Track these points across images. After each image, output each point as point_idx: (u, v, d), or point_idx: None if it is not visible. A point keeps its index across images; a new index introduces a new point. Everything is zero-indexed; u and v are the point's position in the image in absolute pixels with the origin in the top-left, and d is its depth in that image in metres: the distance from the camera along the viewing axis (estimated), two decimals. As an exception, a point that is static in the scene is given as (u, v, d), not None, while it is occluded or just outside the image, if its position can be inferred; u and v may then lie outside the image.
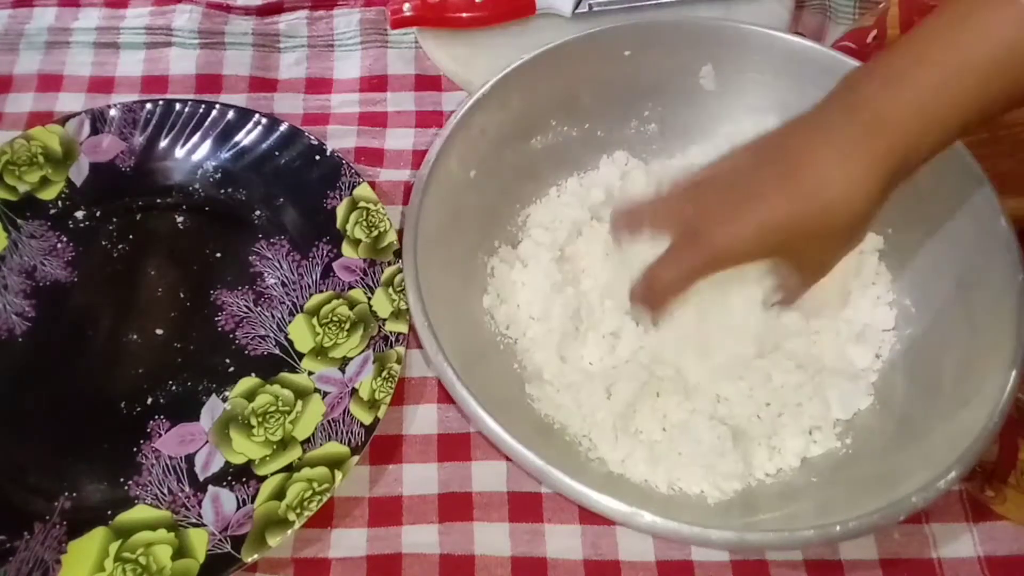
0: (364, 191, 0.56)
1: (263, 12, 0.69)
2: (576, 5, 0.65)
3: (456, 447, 0.49)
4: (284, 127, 0.59)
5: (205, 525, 0.45)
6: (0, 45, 0.67)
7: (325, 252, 0.55)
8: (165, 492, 0.46)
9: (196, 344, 0.52)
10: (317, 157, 0.58)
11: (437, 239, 0.49)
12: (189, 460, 0.48)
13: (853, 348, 0.50)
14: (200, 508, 0.46)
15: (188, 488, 0.47)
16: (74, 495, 0.46)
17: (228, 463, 0.47)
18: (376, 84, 0.65)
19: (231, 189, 0.58)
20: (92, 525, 0.45)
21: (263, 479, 0.46)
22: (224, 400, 0.50)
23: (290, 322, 0.53)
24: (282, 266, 0.55)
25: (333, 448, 0.47)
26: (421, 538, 0.46)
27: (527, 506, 0.47)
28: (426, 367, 0.52)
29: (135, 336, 0.52)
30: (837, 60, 0.53)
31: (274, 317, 0.53)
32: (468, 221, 0.52)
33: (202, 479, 0.47)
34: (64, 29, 0.67)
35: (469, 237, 0.52)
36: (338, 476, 0.45)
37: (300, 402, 0.49)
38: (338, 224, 0.55)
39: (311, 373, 0.51)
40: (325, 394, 0.50)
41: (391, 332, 0.51)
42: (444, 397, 0.50)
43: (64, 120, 0.59)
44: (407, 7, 0.64)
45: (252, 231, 0.56)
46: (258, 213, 0.57)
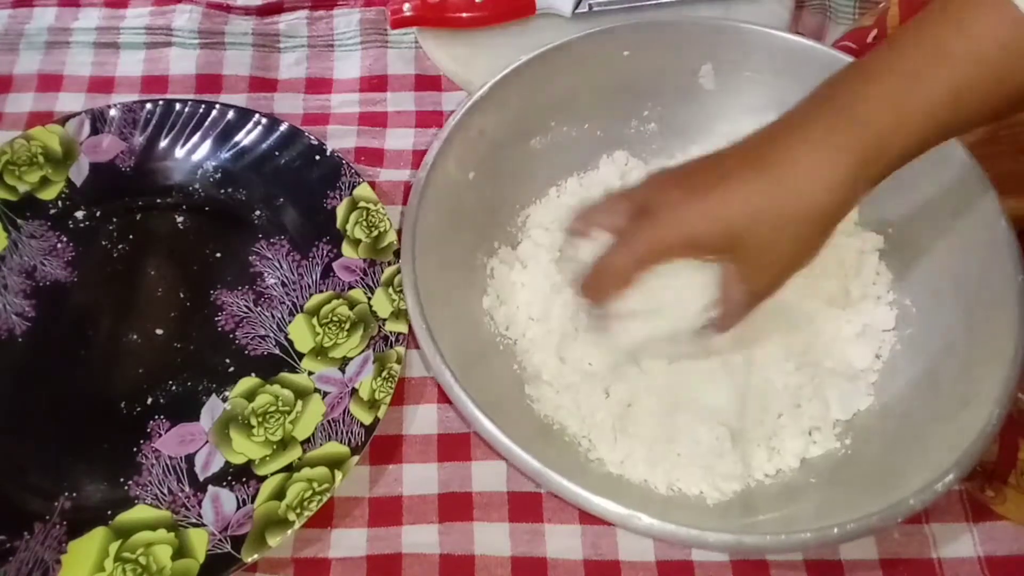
0: (364, 191, 0.56)
1: (263, 12, 0.69)
2: (576, 5, 0.64)
3: (456, 447, 0.49)
4: (284, 127, 0.59)
5: (205, 525, 0.45)
6: (0, 45, 0.67)
7: (325, 252, 0.55)
8: (165, 492, 0.46)
9: (196, 344, 0.52)
10: (317, 157, 0.58)
11: (436, 241, 0.49)
12: (189, 460, 0.48)
13: (853, 348, 0.50)
14: (200, 508, 0.46)
15: (188, 488, 0.47)
16: (74, 495, 0.46)
17: (228, 463, 0.47)
18: (376, 84, 0.65)
19: (231, 189, 0.58)
20: (92, 525, 0.45)
21: (263, 479, 0.46)
22: (224, 400, 0.50)
23: (290, 322, 0.53)
24: (282, 266, 0.55)
25: (333, 448, 0.47)
26: (421, 538, 0.46)
27: (527, 506, 0.47)
28: (426, 367, 0.52)
29: (135, 336, 0.52)
30: (837, 59, 0.53)
31: (274, 317, 0.53)
32: (467, 222, 0.52)
33: (202, 479, 0.47)
34: (64, 29, 0.67)
35: (468, 238, 0.52)
36: (338, 476, 0.45)
37: (300, 402, 0.49)
38: (338, 224, 0.55)
39: (311, 373, 0.51)
40: (325, 394, 0.50)
41: (391, 332, 0.51)
42: (444, 397, 0.50)
43: (64, 120, 0.59)
44: (407, 7, 0.64)
45: (252, 231, 0.56)
46: (258, 213, 0.57)
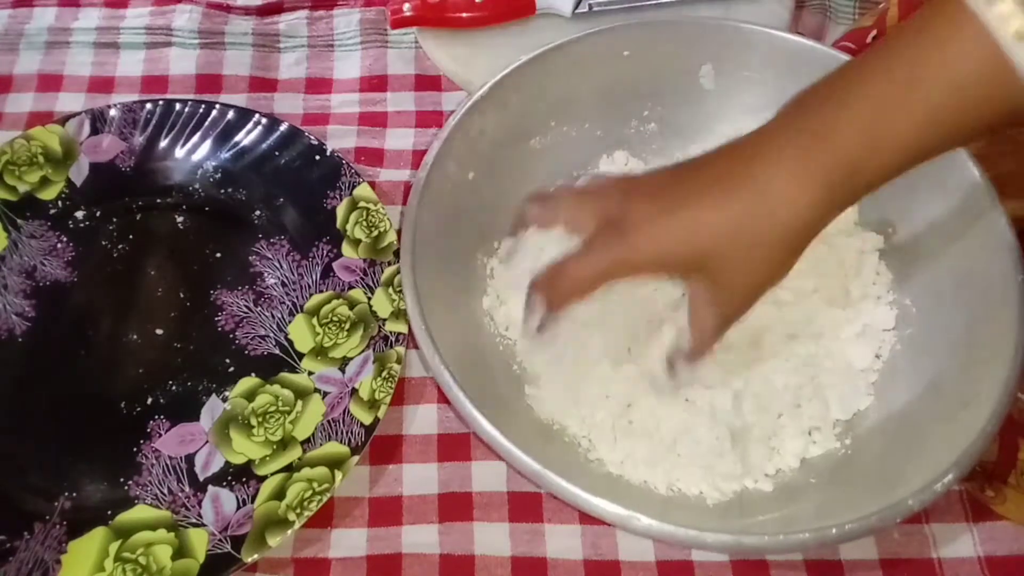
0: (364, 191, 0.56)
1: (263, 12, 0.69)
2: (576, 5, 0.64)
3: (456, 447, 0.49)
4: (284, 127, 0.59)
5: (205, 525, 0.45)
6: (0, 45, 0.67)
7: (325, 252, 0.55)
8: (165, 492, 0.46)
9: (196, 344, 0.52)
10: (317, 157, 0.58)
11: (435, 241, 0.49)
12: (189, 460, 0.48)
13: (853, 348, 0.50)
14: (200, 508, 0.46)
15: (188, 488, 0.47)
16: (74, 495, 0.46)
17: (228, 463, 0.47)
18: (376, 84, 0.65)
19: (231, 189, 0.58)
20: (92, 525, 0.45)
21: (263, 479, 0.46)
22: (224, 400, 0.50)
23: (290, 322, 0.53)
24: (282, 266, 0.55)
25: (333, 448, 0.47)
26: (421, 538, 0.46)
27: (527, 506, 0.47)
28: (425, 368, 0.52)
29: (135, 336, 0.52)
30: (837, 59, 0.53)
31: (274, 317, 0.53)
32: (467, 222, 0.52)
33: (202, 479, 0.47)
34: (64, 29, 0.67)
35: (468, 238, 0.52)
36: (338, 476, 0.45)
37: (300, 402, 0.49)
38: (338, 224, 0.55)
39: (311, 373, 0.51)
40: (325, 394, 0.50)
41: (391, 332, 0.51)
42: (444, 397, 0.50)
43: (64, 120, 0.59)
44: (407, 7, 0.64)
45: (252, 231, 0.56)
46: (258, 213, 0.57)
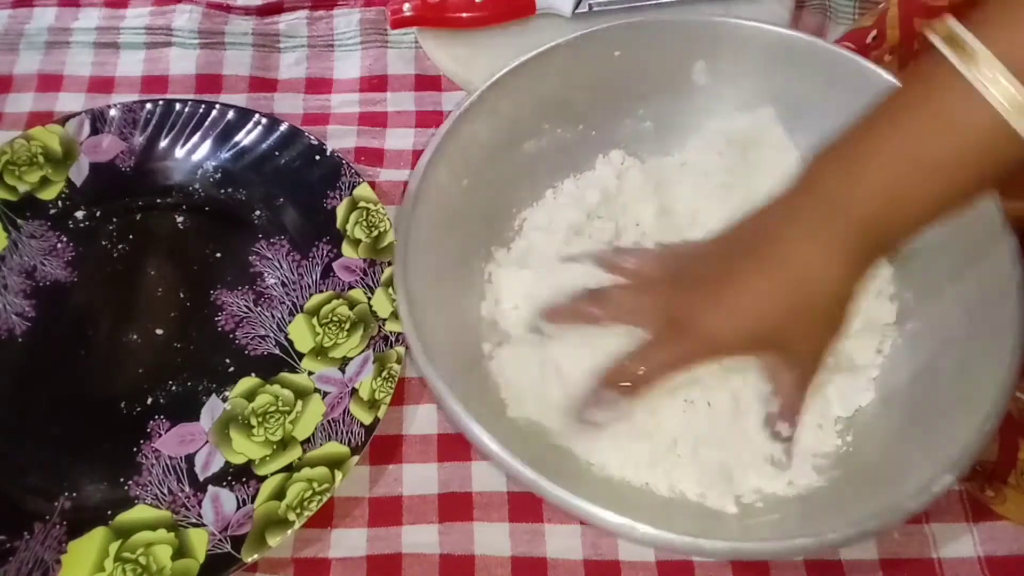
0: (364, 191, 0.56)
1: (263, 12, 0.69)
2: (576, 5, 0.64)
3: (456, 447, 0.49)
4: (284, 127, 0.59)
5: (205, 525, 0.45)
6: (0, 45, 0.67)
7: (325, 252, 0.55)
8: (165, 492, 0.46)
9: (196, 344, 0.52)
10: (317, 157, 0.58)
11: (431, 249, 0.48)
12: (189, 460, 0.48)
13: (853, 343, 0.49)
14: (200, 508, 0.46)
15: (188, 488, 0.47)
16: (74, 495, 0.46)
17: (228, 463, 0.47)
18: (376, 84, 0.65)
19: (231, 189, 0.58)
20: (92, 525, 0.45)
21: (263, 479, 0.46)
22: (224, 400, 0.50)
23: (290, 322, 0.53)
24: (282, 266, 0.55)
25: (333, 448, 0.47)
26: (421, 538, 0.46)
27: (527, 506, 0.47)
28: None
29: (135, 336, 0.52)
30: (829, 51, 0.53)
31: (274, 317, 0.53)
32: (463, 229, 0.52)
33: (202, 479, 0.47)
34: (64, 29, 0.67)
35: (465, 244, 0.52)
36: (338, 476, 0.45)
37: (300, 402, 0.49)
38: (338, 224, 0.55)
39: (311, 373, 0.51)
40: (325, 394, 0.50)
41: (391, 332, 0.51)
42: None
43: (64, 120, 0.59)
44: (407, 7, 0.64)
45: (252, 231, 0.56)
46: (258, 213, 0.57)
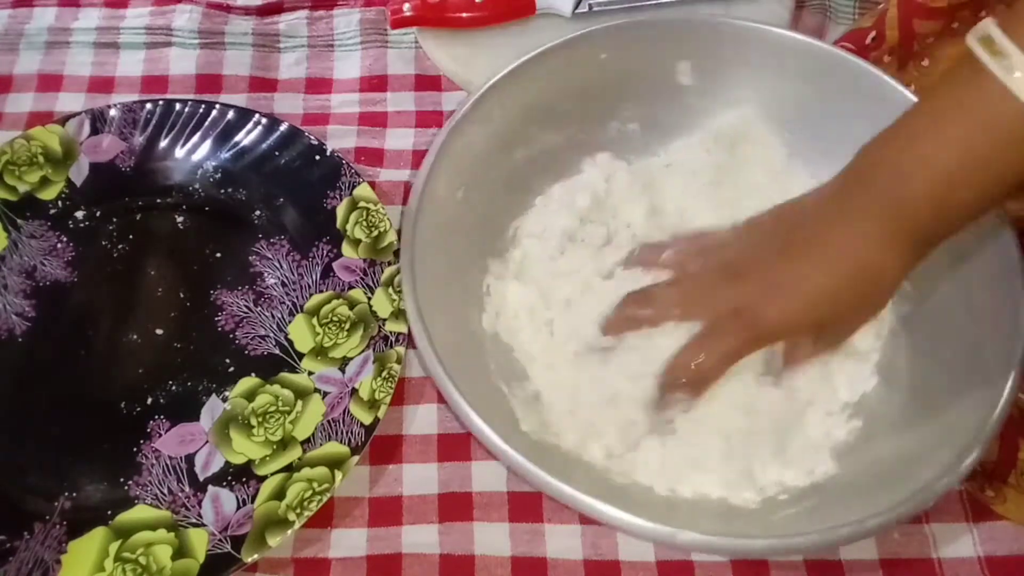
0: (364, 191, 0.56)
1: (263, 12, 0.69)
2: (576, 5, 0.65)
3: (456, 447, 0.49)
4: (284, 127, 0.59)
5: (205, 525, 0.45)
6: (0, 45, 0.67)
7: (325, 252, 0.55)
8: (165, 492, 0.46)
9: (196, 344, 0.52)
10: (317, 157, 0.58)
11: (434, 262, 0.48)
12: (189, 460, 0.48)
13: None
14: (200, 508, 0.46)
15: (188, 488, 0.47)
16: (74, 495, 0.46)
17: (228, 463, 0.47)
18: (376, 84, 0.65)
19: (231, 189, 0.58)
20: (92, 525, 0.45)
21: (263, 479, 0.46)
22: (224, 400, 0.50)
23: (290, 322, 0.53)
24: (282, 266, 0.55)
25: (333, 448, 0.47)
26: (421, 538, 0.46)
27: (527, 506, 0.47)
28: (420, 365, 0.51)
29: (135, 336, 0.52)
30: (812, 46, 0.54)
31: (274, 317, 0.53)
32: (462, 242, 0.51)
33: (202, 479, 0.47)
34: (64, 29, 0.67)
35: (464, 257, 0.52)
36: (338, 476, 0.45)
37: (300, 402, 0.49)
38: (338, 224, 0.55)
39: (311, 373, 0.51)
40: (325, 394, 0.50)
41: (391, 332, 0.51)
42: (444, 397, 0.50)
43: (64, 120, 0.59)
44: (407, 7, 0.64)
45: (252, 231, 0.56)
46: (258, 213, 0.57)
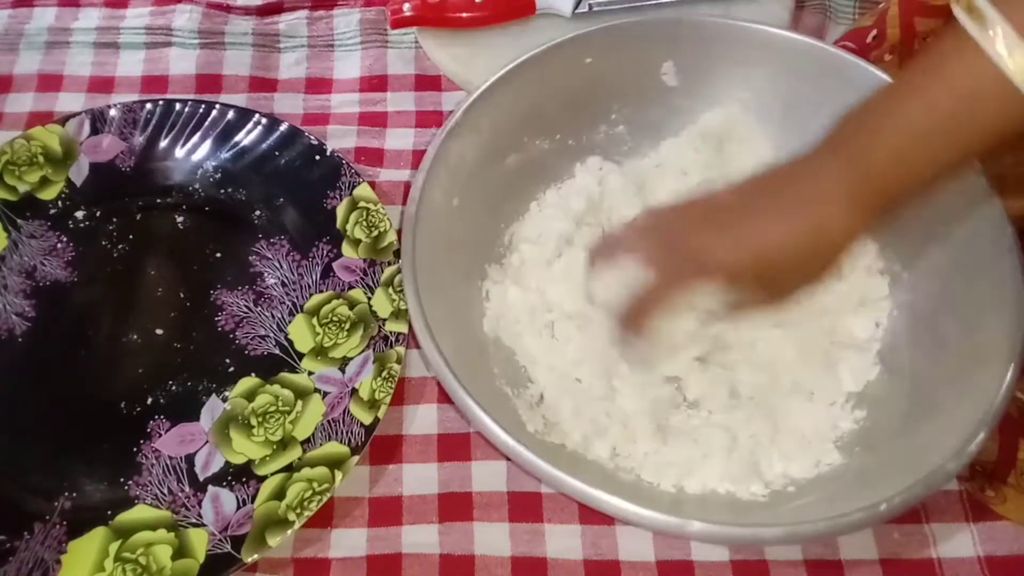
0: (364, 191, 0.56)
1: (263, 12, 0.69)
2: (576, 5, 0.65)
3: (456, 447, 0.49)
4: (284, 127, 0.59)
5: (205, 525, 0.45)
6: (0, 45, 0.67)
7: (325, 252, 0.55)
8: (165, 492, 0.46)
9: (196, 344, 0.52)
10: (317, 157, 0.58)
11: (434, 271, 0.48)
12: (189, 460, 0.48)
13: (853, 319, 0.50)
14: (200, 508, 0.46)
15: (188, 488, 0.47)
16: (74, 495, 0.46)
17: (228, 463, 0.47)
18: (376, 84, 0.65)
19: (231, 189, 0.58)
20: (92, 525, 0.45)
21: (263, 479, 0.46)
22: (224, 400, 0.50)
23: (290, 322, 0.53)
24: (282, 266, 0.55)
25: (333, 448, 0.47)
26: (421, 538, 0.46)
27: (527, 506, 0.47)
28: (426, 367, 0.52)
29: (135, 336, 0.52)
30: (799, 43, 0.54)
31: (274, 317, 0.53)
32: (459, 248, 0.52)
33: (202, 479, 0.47)
34: (64, 29, 0.67)
35: (462, 264, 0.52)
36: (338, 476, 0.46)
37: (300, 402, 0.49)
38: (338, 224, 0.55)
39: (311, 373, 0.51)
40: (325, 394, 0.50)
41: (391, 332, 0.51)
42: (444, 397, 0.50)
43: (64, 120, 0.59)
44: (407, 7, 0.64)
45: (252, 231, 0.56)
46: (258, 213, 0.57)
